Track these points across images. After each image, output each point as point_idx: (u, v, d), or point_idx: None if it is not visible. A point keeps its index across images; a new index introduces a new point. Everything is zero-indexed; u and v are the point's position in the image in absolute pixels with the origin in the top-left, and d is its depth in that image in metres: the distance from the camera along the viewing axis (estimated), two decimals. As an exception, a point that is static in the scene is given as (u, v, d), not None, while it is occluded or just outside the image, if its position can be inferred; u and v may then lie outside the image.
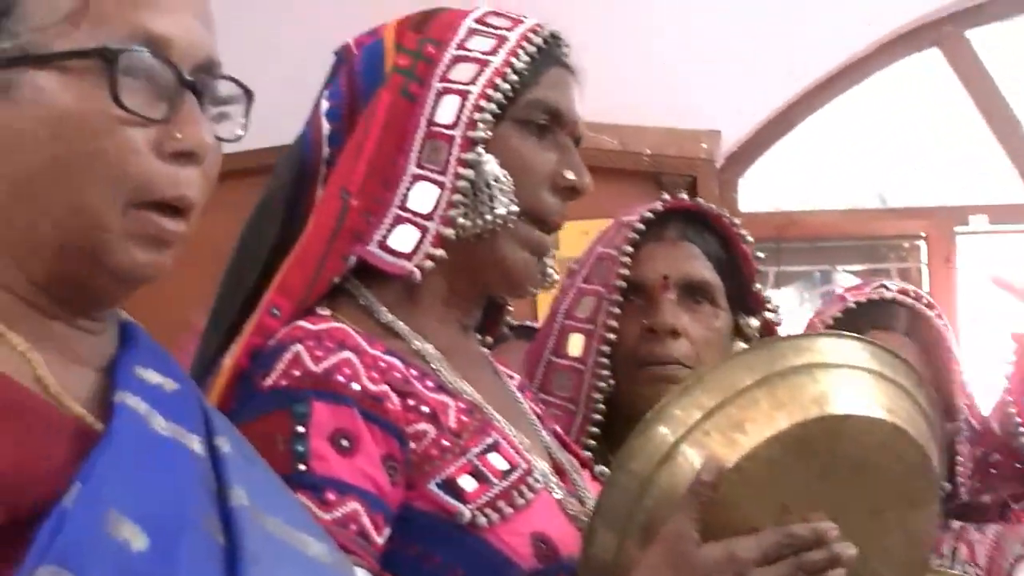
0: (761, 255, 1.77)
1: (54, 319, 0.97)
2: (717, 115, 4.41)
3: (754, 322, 1.71)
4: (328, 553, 1.01)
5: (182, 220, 0.96)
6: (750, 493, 1.19)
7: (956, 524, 1.90)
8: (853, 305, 1.89)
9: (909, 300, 1.89)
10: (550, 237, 1.38)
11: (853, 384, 1.24)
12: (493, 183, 1.30)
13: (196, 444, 0.97)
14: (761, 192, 4.82)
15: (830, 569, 1.18)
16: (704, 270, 1.70)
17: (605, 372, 1.66)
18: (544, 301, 1.86)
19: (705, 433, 1.20)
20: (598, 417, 1.65)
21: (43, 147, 0.93)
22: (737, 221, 1.76)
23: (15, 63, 0.93)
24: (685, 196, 1.80)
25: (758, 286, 1.75)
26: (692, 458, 1.19)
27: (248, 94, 1.01)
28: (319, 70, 1.43)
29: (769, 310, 1.74)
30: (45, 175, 0.93)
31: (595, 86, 1.45)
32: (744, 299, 1.73)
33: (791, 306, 4.71)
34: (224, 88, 1.00)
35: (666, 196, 1.76)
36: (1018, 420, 1.94)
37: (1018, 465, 1.98)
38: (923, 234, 4.66)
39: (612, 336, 1.66)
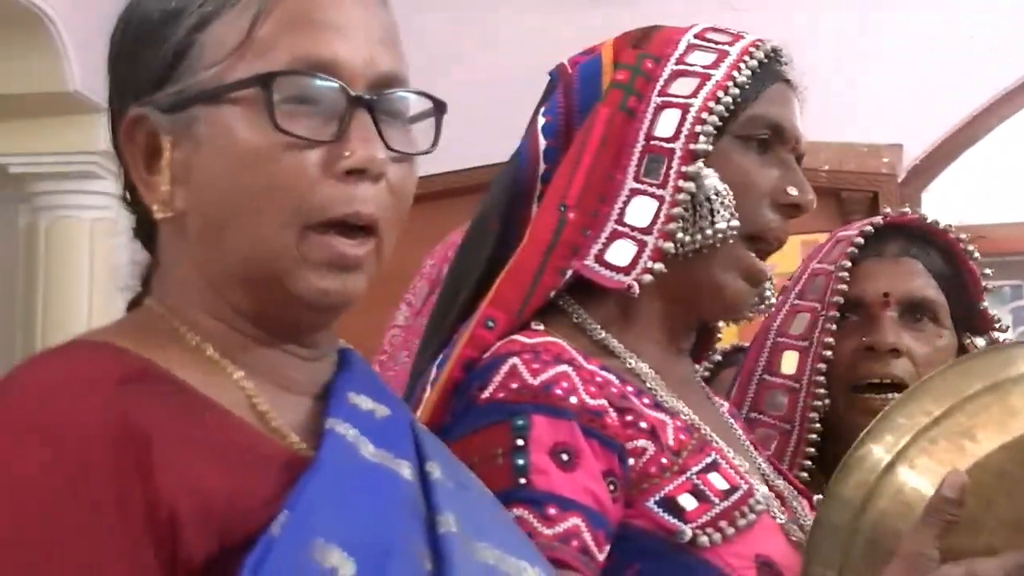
0: (990, 271, 1.71)
1: (266, 346, 0.98)
2: (899, 128, 4.31)
3: (981, 342, 1.65)
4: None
5: (367, 240, 0.96)
6: (981, 504, 1.14)
7: None
8: None
9: None
10: (767, 263, 1.35)
11: None
12: (714, 197, 1.28)
13: (406, 470, 0.96)
14: (945, 206, 4.70)
15: None
16: (927, 288, 1.65)
17: (822, 391, 1.62)
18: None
19: (931, 441, 1.16)
20: (814, 437, 1.61)
21: (223, 181, 0.94)
22: (964, 236, 1.70)
23: (192, 102, 0.95)
24: (907, 210, 1.73)
25: (985, 304, 1.69)
26: (918, 466, 1.16)
27: (439, 106, 1.01)
28: (506, 94, 1.43)
29: (997, 329, 1.68)
30: (228, 208, 0.95)
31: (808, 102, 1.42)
32: (971, 318, 1.68)
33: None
34: (414, 103, 1.00)
35: (888, 210, 1.73)
36: None
37: None
38: (1119, 251, 4.50)
39: (829, 353, 1.62)
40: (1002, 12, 4.14)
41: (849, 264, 1.65)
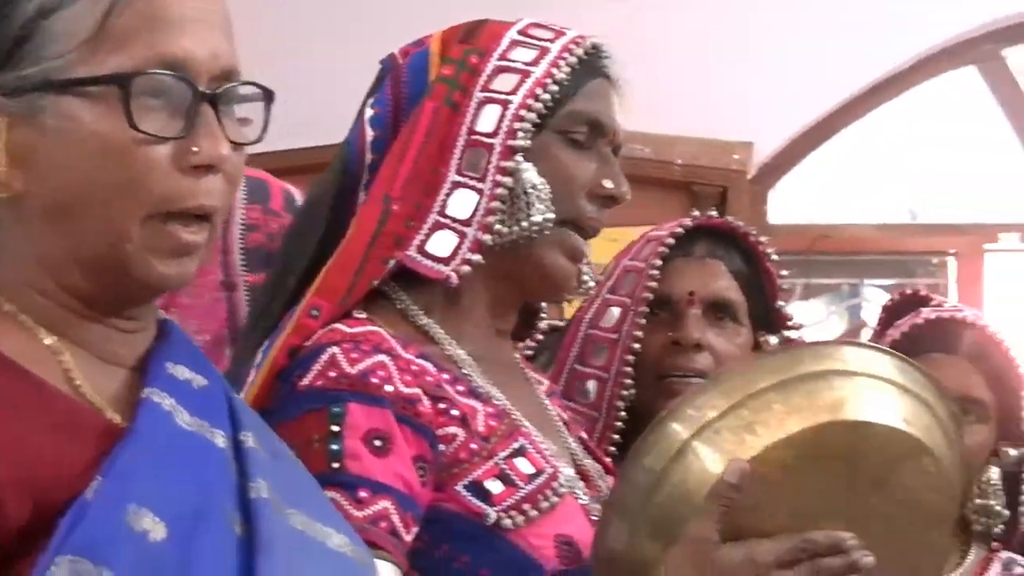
0: (786, 272, 1.80)
1: (90, 321, 1.01)
2: (750, 127, 4.41)
3: (774, 339, 1.73)
4: (349, 543, 1.04)
5: (203, 227, 1.00)
6: (764, 496, 1.20)
7: (1005, 554, 1.90)
8: (922, 323, 1.89)
9: (980, 322, 1.89)
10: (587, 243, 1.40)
11: (871, 393, 1.24)
12: (531, 190, 1.33)
13: (220, 439, 1.00)
14: (792, 204, 4.82)
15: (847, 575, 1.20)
16: (730, 288, 1.74)
17: (629, 381, 1.69)
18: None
19: (716, 432, 1.21)
20: (620, 425, 1.68)
21: (73, 171, 0.96)
22: (764, 239, 1.79)
23: (38, 88, 0.97)
24: (715, 213, 1.82)
25: (781, 303, 1.77)
26: (703, 456, 1.21)
27: (267, 95, 1.04)
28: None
29: (790, 327, 1.76)
30: (77, 197, 0.97)
31: (629, 95, 1.46)
32: (767, 317, 1.76)
33: (818, 318, 4.71)
34: (245, 92, 1.03)
35: (696, 212, 1.80)
36: None
37: None
38: (953, 251, 4.65)
39: (637, 347, 1.70)
40: (854, 16, 4.25)
41: (659, 263, 1.72)
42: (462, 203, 1.33)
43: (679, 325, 1.70)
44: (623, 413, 1.68)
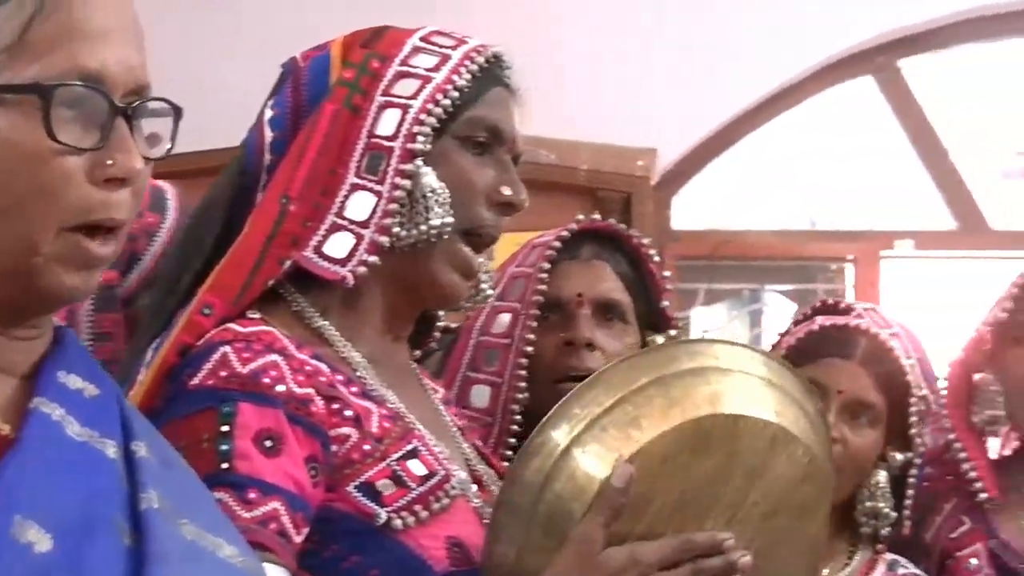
0: (668, 273, 1.84)
1: None
2: (654, 133, 4.45)
3: (660, 339, 1.77)
4: (240, 555, 1.03)
5: (110, 239, 0.99)
6: (646, 488, 1.22)
7: (889, 556, 1.94)
8: (816, 329, 1.92)
9: (873, 329, 1.92)
10: (482, 256, 1.41)
11: (744, 388, 1.27)
12: (429, 194, 1.33)
13: (111, 449, 0.98)
14: (695, 210, 4.88)
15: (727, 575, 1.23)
16: (616, 290, 1.77)
17: (523, 385, 1.70)
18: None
19: (603, 429, 1.23)
20: (515, 429, 1.69)
21: None
22: (647, 241, 1.83)
23: None
24: (598, 216, 1.85)
25: (666, 304, 1.81)
26: (591, 453, 1.22)
27: (176, 111, 1.03)
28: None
29: (675, 327, 1.80)
30: None
31: (535, 101, 1.48)
32: (652, 316, 1.80)
33: (720, 323, 4.77)
34: (155, 107, 1.02)
35: (580, 216, 1.82)
36: (954, 438, 1.99)
37: (949, 477, 2.03)
38: (850, 257, 4.73)
39: (530, 350, 1.71)
40: (754, 26, 4.32)
41: (547, 266, 1.74)
42: (360, 205, 1.33)
43: (570, 326, 1.73)
44: (518, 417, 1.69)
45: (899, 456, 1.90)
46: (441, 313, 1.50)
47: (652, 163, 4.49)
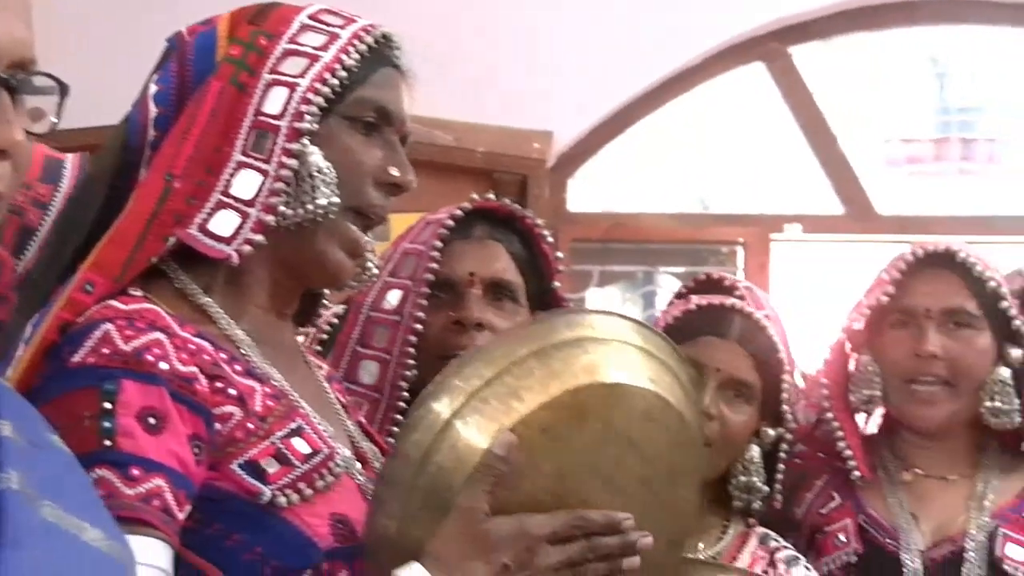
0: (561, 255, 1.85)
1: None
2: (550, 117, 4.47)
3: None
4: (105, 538, 1.01)
5: None
6: (527, 458, 1.22)
7: (760, 530, 1.97)
8: (694, 308, 1.95)
9: (748, 309, 1.95)
10: (368, 235, 1.40)
11: (621, 357, 1.28)
12: (316, 174, 1.32)
13: None
14: (590, 193, 4.91)
15: (624, 557, 1.22)
16: (508, 270, 1.78)
17: (411, 362, 1.71)
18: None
19: (483, 401, 1.23)
20: (402, 405, 1.69)
21: None
22: (540, 221, 1.84)
23: None
24: (492, 196, 1.85)
25: (557, 284, 1.82)
26: (472, 424, 1.22)
27: (62, 87, 1.02)
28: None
29: (566, 308, 1.82)
30: None
31: (433, 83, 1.48)
32: (544, 296, 1.81)
33: (614, 304, 4.81)
34: (41, 83, 1.01)
35: (475, 196, 1.82)
36: (832, 416, 2.03)
37: (821, 455, 2.07)
38: (741, 240, 4.79)
39: (419, 328, 1.71)
40: (649, 11, 4.35)
41: (440, 245, 1.74)
42: (246, 183, 1.32)
43: (460, 305, 1.74)
44: (406, 394, 1.70)
45: (771, 432, 1.94)
46: (326, 292, 1.49)
47: (548, 146, 4.50)
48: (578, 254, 4.84)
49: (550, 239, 1.83)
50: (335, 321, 2.11)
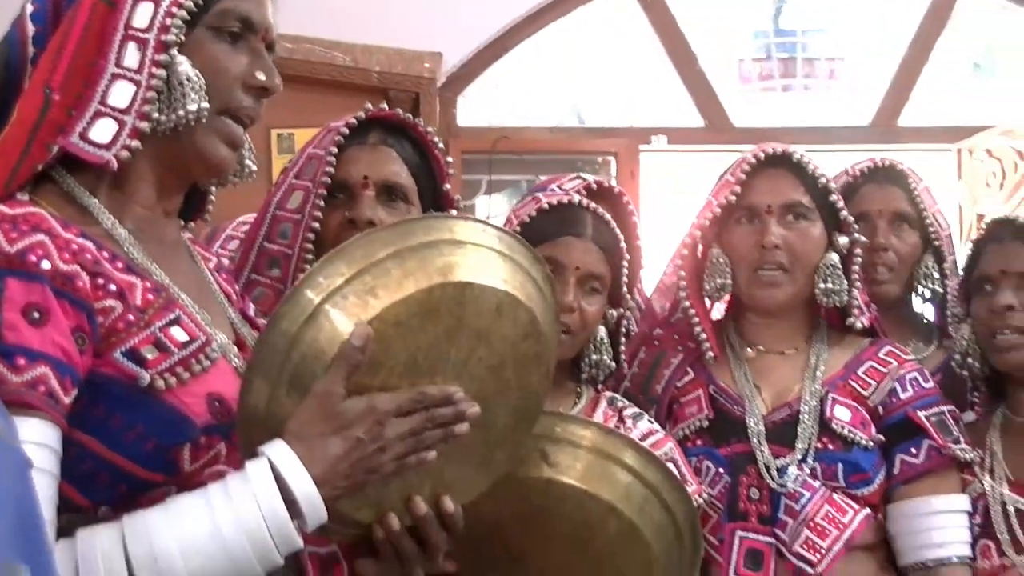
0: (451, 159, 1.83)
1: None
2: (440, 39, 4.41)
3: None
4: None
5: None
6: (382, 349, 1.22)
7: (608, 394, 1.98)
8: (546, 206, 1.92)
9: (593, 206, 1.93)
10: (246, 136, 1.37)
11: (476, 259, 1.27)
12: (185, 82, 1.29)
13: None
14: (477, 110, 4.86)
15: (455, 424, 1.25)
16: (400, 173, 1.75)
17: (310, 256, 1.70)
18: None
19: (343, 296, 1.22)
20: None
21: None
22: (431, 129, 1.81)
23: None
24: (385, 106, 1.82)
25: (447, 187, 1.80)
26: (333, 318, 1.22)
27: None
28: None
29: (456, 208, 1.81)
30: None
31: (331, 6, 1.43)
32: (435, 198, 1.80)
33: (501, 211, 4.79)
34: None
35: (369, 105, 1.79)
36: (688, 305, 2.04)
37: (676, 337, 2.09)
38: (613, 151, 4.80)
39: (317, 226, 1.70)
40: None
41: (336, 150, 1.72)
42: (121, 93, 1.28)
43: (354, 206, 1.72)
44: None
45: (614, 313, 1.94)
46: (212, 189, 1.45)
47: (438, 66, 4.44)
48: (467, 165, 4.80)
49: (440, 145, 1.80)
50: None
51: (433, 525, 1.31)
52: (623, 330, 1.97)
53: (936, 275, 2.32)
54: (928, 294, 2.36)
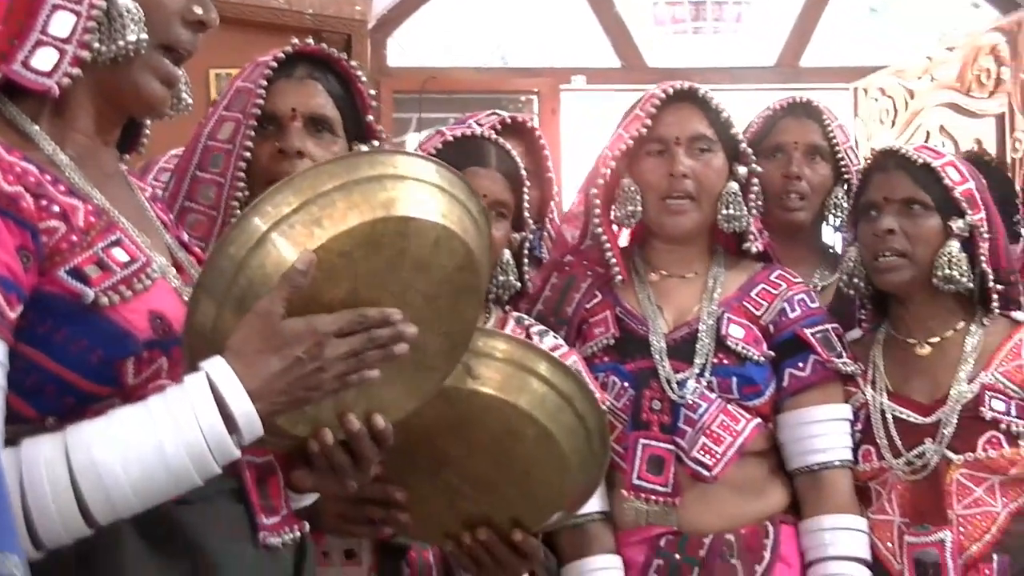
0: (374, 92, 1.83)
1: None
2: (372, -19, 4.36)
3: (364, 148, 1.76)
4: None
5: None
6: (325, 278, 1.22)
7: (515, 313, 2.01)
8: (451, 139, 1.94)
9: (494, 137, 1.94)
10: (180, 70, 1.36)
11: (417, 194, 1.27)
12: (125, 13, 1.28)
13: None
14: (407, 50, 4.83)
15: (394, 344, 1.25)
16: (326, 106, 1.76)
17: (242, 185, 1.71)
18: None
19: (290, 226, 1.22)
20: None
21: None
22: (355, 63, 1.81)
23: None
24: (311, 42, 1.81)
25: (371, 118, 1.81)
26: (279, 245, 1.21)
27: None
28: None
29: (379, 139, 1.81)
30: None
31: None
32: (359, 129, 1.80)
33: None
34: None
35: (296, 41, 1.78)
36: (601, 231, 2.08)
37: (586, 263, 2.12)
38: (535, 90, 4.80)
39: (248, 156, 1.71)
40: None
41: (265, 83, 1.72)
42: (62, 23, 1.27)
43: (284, 137, 1.73)
44: (238, 212, 1.67)
45: (517, 236, 1.97)
46: (148, 122, 1.45)
47: (369, 8, 4.41)
48: (398, 104, 4.78)
49: (364, 79, 1.80)
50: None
51: (365, 440, 1.31)
52: (524, 253, 1.99)
53: (845, 206, 2.36)
54: (837, 223, 2.42)
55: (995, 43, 4.25)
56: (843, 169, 2.38)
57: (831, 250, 2.48)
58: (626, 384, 2.00)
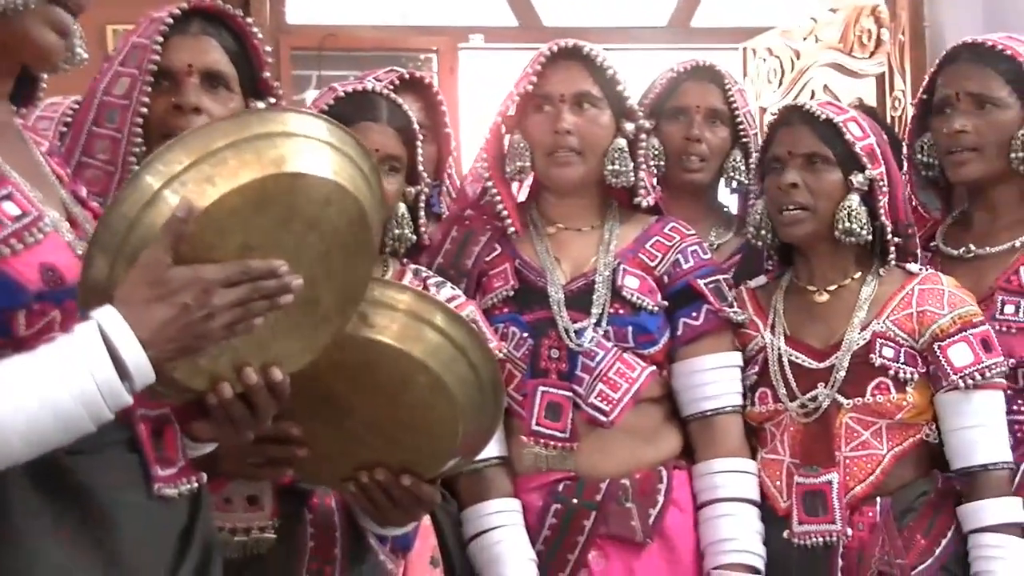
0: (269, 49, 1.81)
1: None
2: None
3: (260, 104, 1.74)
4: None
5: None
6: (217, 234, 1.21)
7: (412, 266, 2.00)
8: (343, 94, 1.89)
9: (386, 92, 1.91)
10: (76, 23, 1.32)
11: (308, 151, 1.26)
12: None
13: None
14: (306, 8, 4.73)
15: (280, 295, 1.24)
16: (221, 62, 1.73)
17: (139, 140, 1.68)
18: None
19: (182, 184, 1.21)
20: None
21: None
22: (250, 20, 1.79)
23: None
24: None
25: (267, 74, 1.78)
26: (171, 202, 1.20)
27: None
28: None
29: (276, 96, 1.78)
30: None
31: None
32: (255, 85, 1.77)
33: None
34: None
35: None
36: (492, 185, 2.07)
37: (484, 217, 2.12)
38: (434, 48, 4.75)
39: (144, 111, 1.68)
40: None
41: (160, 39, 1.69)
42: None
43: (180, 92, 1.70)
44: (135, 167, 1.63)
45: (412, 190, 1.95)
46: (44, 76, 1.39)
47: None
48: (297, 61, 4.69)
49: (259, 35, 1.77)
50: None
51: (262, 393, 1.32)
52: (420, 206, 1.98)
53: (743, 168, 2.39)
54: (735, 185, 2.44)
55: (875, 4, 4.33)
56: (741, 133, 2.41)
57: (727, 210, 2.51)
58: (525, 334, 2.01)
